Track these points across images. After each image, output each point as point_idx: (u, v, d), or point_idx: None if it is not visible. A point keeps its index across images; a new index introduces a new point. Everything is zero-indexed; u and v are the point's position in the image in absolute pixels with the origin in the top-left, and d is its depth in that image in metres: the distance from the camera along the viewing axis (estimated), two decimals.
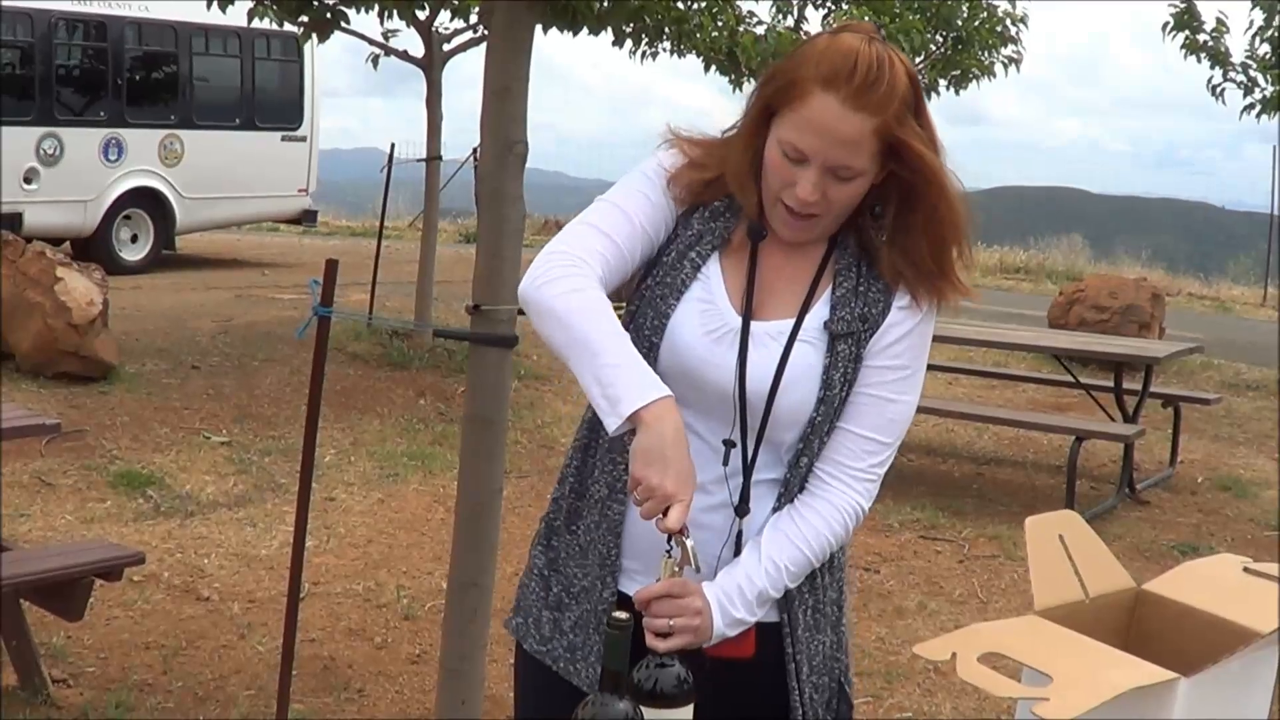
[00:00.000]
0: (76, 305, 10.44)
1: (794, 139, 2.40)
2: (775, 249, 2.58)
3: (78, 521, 7.60)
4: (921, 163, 2.43)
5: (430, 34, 13.24)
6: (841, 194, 2.44)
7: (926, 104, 2.48)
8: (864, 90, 2.35)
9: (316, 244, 23.39)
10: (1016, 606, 7.02)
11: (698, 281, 2.56)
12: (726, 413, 2.53)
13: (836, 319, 2.51)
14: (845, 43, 2.39)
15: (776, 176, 2.45)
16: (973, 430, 11.24)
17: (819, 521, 2.55)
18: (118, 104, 18.02)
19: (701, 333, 2.53)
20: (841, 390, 2.52)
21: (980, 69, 17.14)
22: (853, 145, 2.38)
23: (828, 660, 2.64)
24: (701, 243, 2.58)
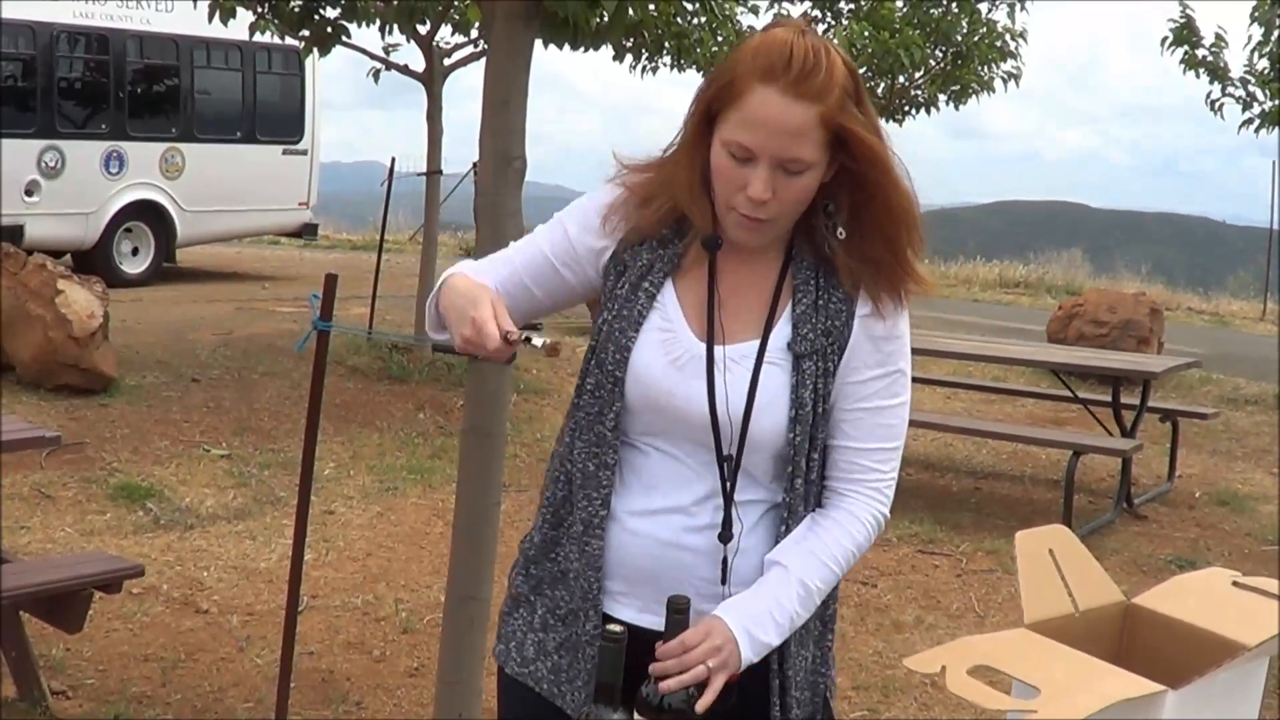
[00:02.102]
0: (77, 318, 10.46)
1: (739, 137, 2.39)
2: (731, 268, 2.57)
3: (77, 534, 7.61)
4: (869, 150, 2.43)
5: (431, 48, 13.27)
6: (793, 189, 2.43)
7: (866, 94, 2.46)
8: (802, 79, 2.35)
9: (317, 257, 23.40)
10: (1014, 620, 7.00)
11: (655, 310, 2.56)
12: (702, 438, 2.54)
13: (799, 338, 2.50)
14: (778, 36, 2.40)
15: (727, 181, 2.44)
16: (971, 444, 11.25)
17: (842, 535, 2.55)
18: (119, 117, 18.05)
19: (665, 362, 2.54)
20: (814, 407, 2.50)
21: (980, 84, 17.19)
22: (798, 136, 2.37)
23: (810, 675, 2.63)
24: (653, 272, 2.58)
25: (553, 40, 5.94)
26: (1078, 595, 2.52)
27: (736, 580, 2.54)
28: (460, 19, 13.07)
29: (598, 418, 2.58)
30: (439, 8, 12.47)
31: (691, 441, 2.54)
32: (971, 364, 13.66)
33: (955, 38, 16.53)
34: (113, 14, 17.80)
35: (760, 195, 2.40)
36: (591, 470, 2.58)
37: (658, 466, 2.57)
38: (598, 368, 2.58)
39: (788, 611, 2.48)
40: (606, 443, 2.58)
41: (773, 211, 2.44)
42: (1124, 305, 14.78)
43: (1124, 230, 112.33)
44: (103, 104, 17.98)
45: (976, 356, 10.92)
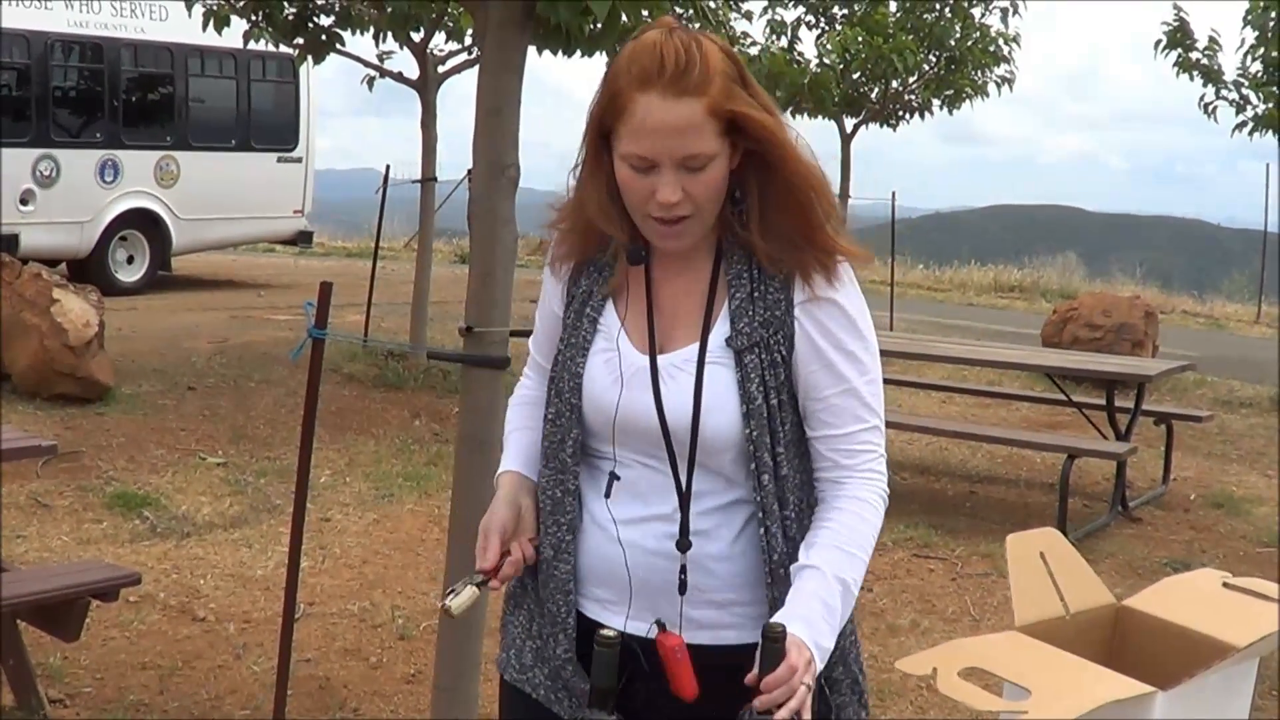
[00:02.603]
0: (73, 327, 10.47)
1: (634, 149, 2.41)
2: (666, 277, 2.59)
3: (74, 542, 7.61)
4: (763, 129, 2.43)
5: (425, 56, 13.29)
6: (700, 185, 2.43)
7: (750, 75, 2.47)
8: (678, 77, 2.37)
9: (312, 265, 23.42)
10: (1009, 624, 6.96)
11: (599, 334, 2.60)
12: (661, 449, 2.55)
13: (737, 333, 2.50)
14: (647, 40, 2.41)
15: (634, 192, 2.46)
16: (966, 449, 11.26)
17: (857, 523, 2.53)
18: (114, 125, 18.07)
19: (611, 381, 2.56)
20: (767, 399, 2.49)
21: (974, 88, 17.24)
22: (689, 132, 2.39)
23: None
24: (593, 298, 2.62)
25: (546, 47, 5.95)
26: (1068, 597, 2.52)
27: (708, 586, 2.55)
28: (454, 26, 13.11)
29: (560, 445, 2.62)
30: (432, 15, 12.50)
31: (655, 456, 2.55)
32: (966, 368, 13.66)
33: (949, 43, 16.59)
34: (107, 22, 17.82)
35: (669, 198, 2.41)
36: (558, 497, 2.62)
37: (640, 478, 2.58)
38: (556, 397, 2.63)
39: (836, 611, 2.46)
40: (568, 469, 2.61)
41: (687, 210, 2.45)
42: (1119, 309, 14.80)
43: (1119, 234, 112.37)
44: (97, 112, 18.01)
45: (971, 361, 10.93)
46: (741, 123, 2.42)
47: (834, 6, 17.29)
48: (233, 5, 12.39)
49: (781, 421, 2.51)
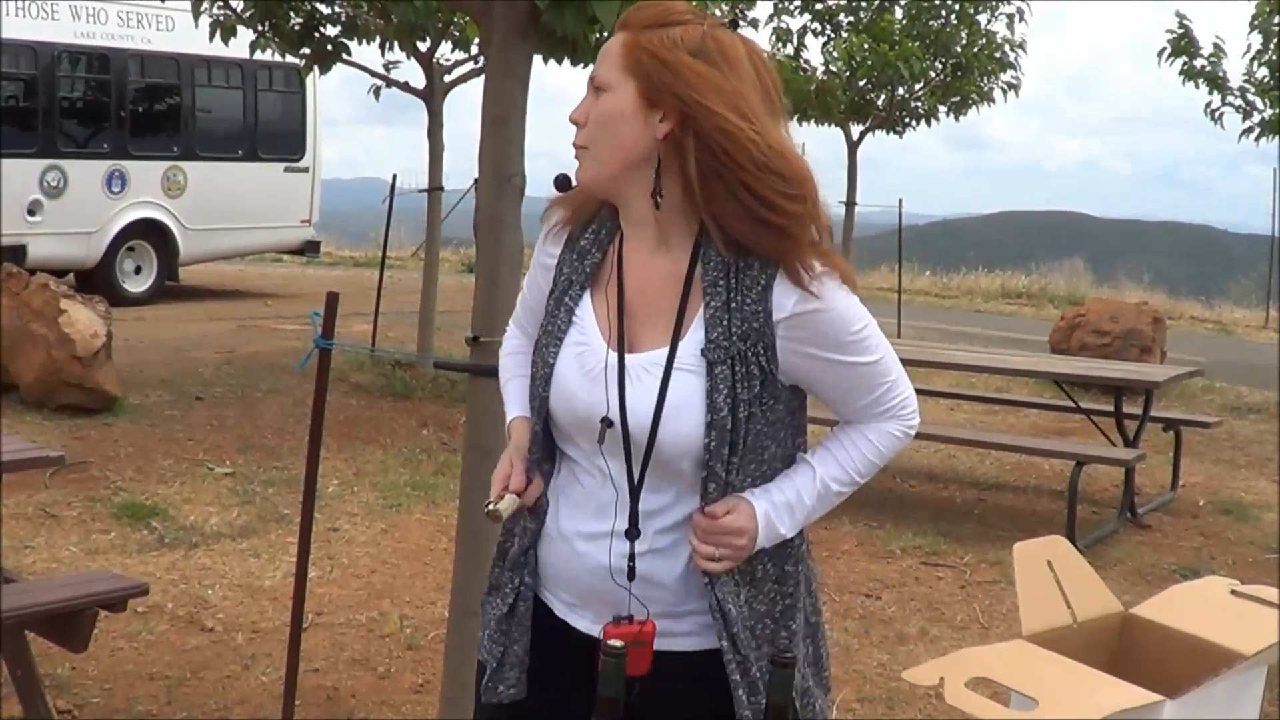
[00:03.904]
0: (80, 337, 10.48)
1: None
2: (639, 274, 2.61)
3: (82, 553, 7.62)
4: (667, 72, 2.45)
5: (431, 65, 13.30)
6: (597, 109, 2.52)
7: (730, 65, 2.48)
8: (630, 13, 2.51)
9: (319, 274, 23.44)
10: (1017, 632, 6.94)
11: (574, 325, 2.62)
12: (619, 448, 2.57)
13: (711, 344, 2.50)
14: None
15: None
16: (974, 456, 11.26)
17: (866, 447, 2.63)
18: (121, 136, 18.10)
19: (580, 375, 2.59)
20: (734, 412, 2.49)
21: (980, 95, 17.23)
22: (603, 54, 2.52)
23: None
24: (573, 287, 2.65)
25: (551, 56, 5.97)
26: (1076, 606, 2.52)
27: (660, 598, 2.58)
28: (460, 36, 13.11)
29: (534, 441, 2.68)
30: (439, 25, 12.51)
31: (617, 455, 2.58)
32: (974, 375, 13.66)
33: (955, 49, 16.59)
34: (114, 33, 17.84)
35: (572, 115, 2.55)
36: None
37: (599, 486, 2.61)
38: (532, 385, 2.67)
39: (806, 507, 2.57)
40: (533, 464, 2.68)
41: (583, 137, 2.54)
42: (1126, 315, 14.79)
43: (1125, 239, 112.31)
44: (104, 123, 18.03)
45: (979, 368, 10.93)
46: (649, 65, 2.46)
47: (840, 14, 17.30)
48: (239, 15, 12.40)
49: (745, 434, 2.52)
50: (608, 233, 2.66)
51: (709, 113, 2.43)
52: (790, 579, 2.64)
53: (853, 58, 16.26)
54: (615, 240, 2.65)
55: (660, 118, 2.47)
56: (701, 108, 2.43)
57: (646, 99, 2.47)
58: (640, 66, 2.46)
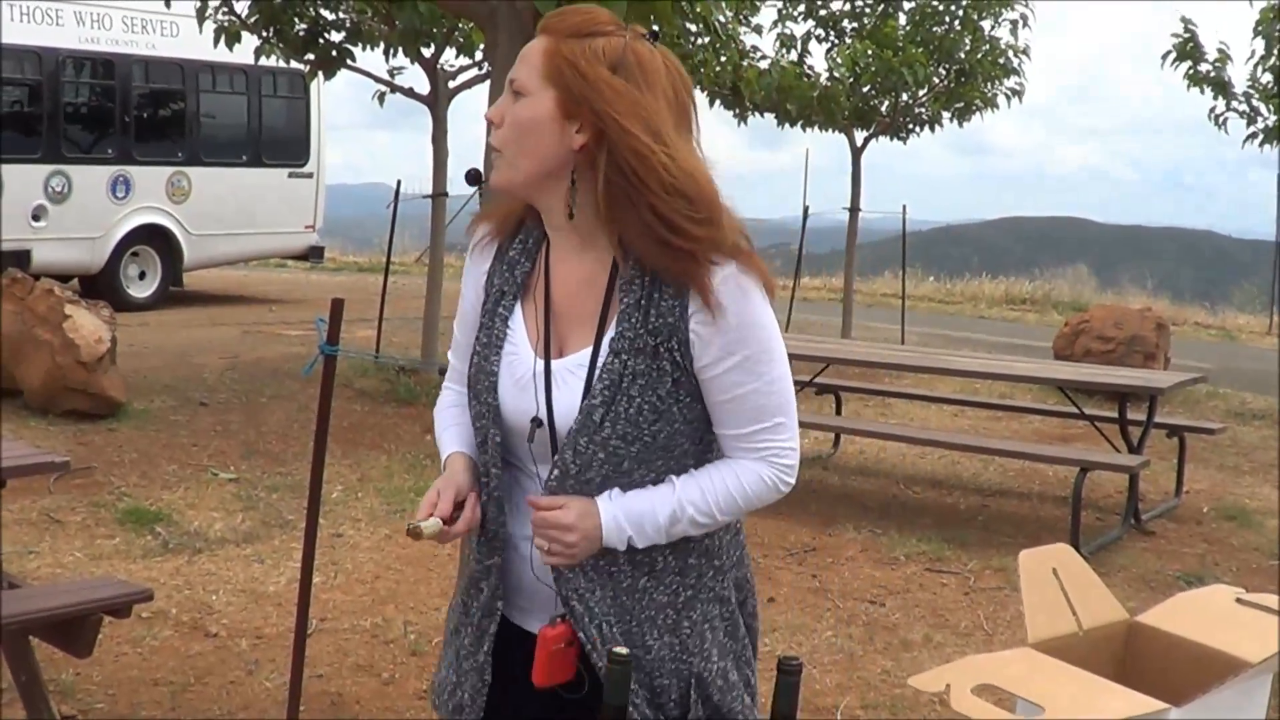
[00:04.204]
0: (85, 343, 10.49)
1: None
2: (564, 281, 2.65)
3: (86, 558, 7.62)
4: (586, 85, 2.48)
5: (436, 71, 13.32)
6: (514, 113, 2.55)
7: (648, 80, 2.52)
8: (551, 18, 2.55)
9: (323, 280, 23.46)
10: (1022, 638, 6.94)
11: (508, 334, 2.66)
12: (547, 452, 2.63)
13: (619, 336, 2.54)
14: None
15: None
16: (978, 462, 11.25)
17: (730, 478, 2.61)
18: (125, 141, 18.13)
19: (511, 383, 2.64)
20: (613, 403, 2.53)
21: (983, 100, 17.23)
22: (523, 57, 2.55)
23: (655, 662, 2.65)
24: (505, 297, 2.69)
25: None
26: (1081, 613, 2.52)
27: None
28: (464, 41, 13.13)
29: (482, 447, 2.70)
30: (443, 31, 12.53)
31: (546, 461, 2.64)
32: (978, 381, 13.66)
33: (958, 55, 16.58)
34: (118, 39, 17.88)
35: (488, 114, 2.60)
36: (491, 513, 2.70)
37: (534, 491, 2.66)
38: (475, 399, 2.69)
39: (659, 523, 2.57)
40: (490, 474, 2.69)
41: (498, 139, 2.57)
42: (1130, 321, 14.78)
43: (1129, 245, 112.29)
44: (109, 129, 18.07)
45: (983, 374, 10.92)
46: (568, 76, 2.49)
47: (844, 20, 17.30)
48: (244, 22, 12.43)
49: (654, 434, 2.55)
50: (535, 241, 2.70)
51: (623, 132, 2.46)
52: (693, 571, 2.68)
53: (856, 64, 16.26)
54: (543, 248, 2.69)
55: (577, 129, 2.51)
56: (617, 126, 2.46)
57: (564, 110, 2.51)
58: (560, 76, 2.50)
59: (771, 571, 8.04)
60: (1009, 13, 16.52)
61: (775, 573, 8.02)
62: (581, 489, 2.57)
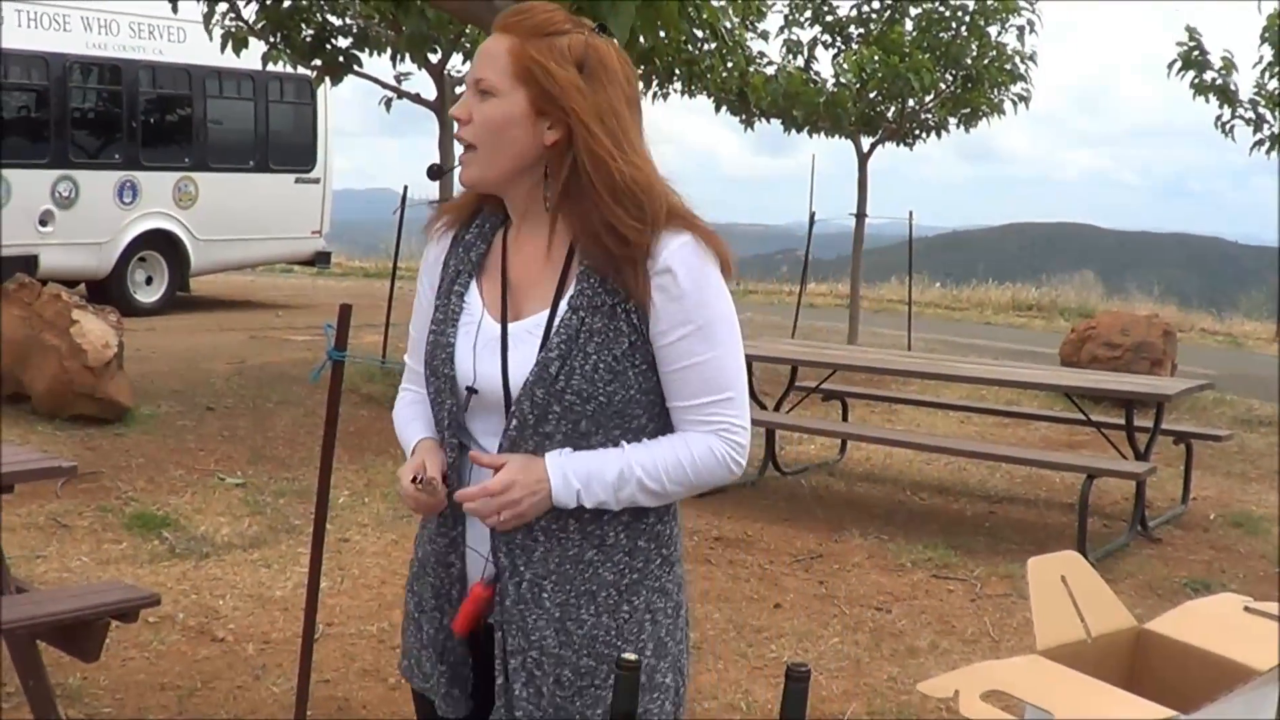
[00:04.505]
0: (92, 348, 10.50)
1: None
2: (519, 250, 2.71)
3: (93, 563, 7.63)
4: (558, 87, 2.56)
5: (442, 76, 13.34)
6: (483, 112, 2.60)
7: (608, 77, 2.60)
8: (510, 15, 2.60)
9: (330, 285, 23.48)
10: (1029, 645, 6.97)
11: (464, 307, 2.72)
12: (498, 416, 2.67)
13: (578, 294, 2.58)
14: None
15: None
16: (985, 469, 11.25)
17: (680, 448, 2.62)
18: (132, 147, 18.16)
19: (469, 349, 2.68)
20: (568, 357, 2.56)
21: (990, 107, 17.24)
22: (487, 57, 2.60)
23: (585, 640, 2.66)
24: (460, 276, 2.74)
25: None
26: (1090, 621, 2.53)
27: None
28: (471, 47, 13.15)
29: (439, 424, 2.76)
30: (449, 36, 12.54)
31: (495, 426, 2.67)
32: (985, 388, 13.66)
33: (965, 61, 16.59)
34: (126, 44, 17.92)
35: (454, 112, 2.63)
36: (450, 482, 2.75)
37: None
38: (433, 375, 2.74)
39: (607, 482, 2.58)
40: (448, 448, 2.75)
41: (470, 137, 2.62)
42: (1137, 327, 14.78)
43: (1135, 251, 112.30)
44: (116, 134, 18.10)
45: (990, 380, 10.92)
46: (542, 79, 2.55)
47: (850, 26, 17.32)
48: (251, 27, 12.46)
49: (609, 395, 2.57)
50: (491, 226, 2.77)
51: (589, 133, 2.55)
52: (641, 554, 2.69)
53: (863, 70, 16.27)
54: (500, 232, 2.76)
55: (549, 125, 2.59)
56: (583, 127, 2.55)
57: (536, 108, 2.59)
58: (531, 76, 2.57)
59: (778, 578, 8.04)
60: (1016, 19, 16.53)
61: (781, 579, 8.02)
62: (540, 445, 2.59)
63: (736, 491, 9.93)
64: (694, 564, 8.20)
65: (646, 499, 2.61)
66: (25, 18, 16.75)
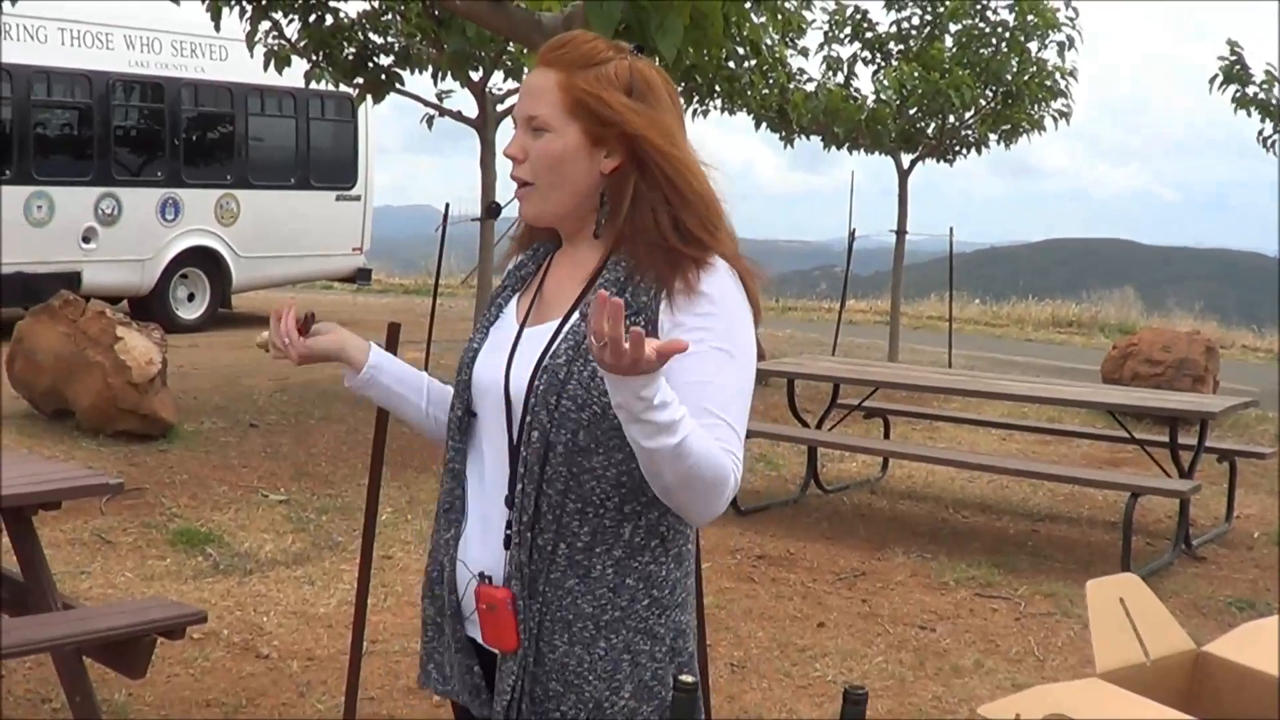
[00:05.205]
0: (136, 364, 10.55)
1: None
2: (557, 269, 2.76)
3: (137, 579, 7.66)
4: (615, 114, 2.57)
5: (484, 94, 13.37)
6: (537, 149, 2.62)
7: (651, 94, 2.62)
8: (552, 49, 2.62)
9: (369, 302, 23.54)
10: (1074, 664, 6.99)
11: (500, 317, 2.78)
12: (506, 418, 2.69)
13: (589, 303, 2.51)
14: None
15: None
16: (1027, 486, 11.21)
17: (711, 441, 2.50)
18: (175, 164, 18.26)
19: (487, 351, 2.74)
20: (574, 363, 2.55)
21: (1030, 123, 17.21)
22: (536, 94, 2.61)
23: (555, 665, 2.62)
24: (504, 291, 2.81)
25: None
26: (1148, 644, 2.51)
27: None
28: (512, 65, 13.19)
29: (450, 423, 2.81)
30: (491, 55, 12.58)
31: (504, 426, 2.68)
32: (1026, 405, 13.60)
33: (1005, 77, 16.56)
34: (168, 62, 18.03)
35: (507, 151, 2.66)
36: (447, 485, 2.79)
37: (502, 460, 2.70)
38: (457, 374, 2.80)
39: (678, 411, 2.37)
40: (449, 444, 2.80)
41: (527, 174, 2.64)
42: (1179, 344, 14.71)
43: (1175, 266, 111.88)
44: (158, 151, 18.20)
45: (1031, 398, 10.88)
46: (597, 109, 2.57)
47: (890, 42, 17.31)
48: (294, 46, 12.51)
49: (604, 406, 2.50)
50: (545, 250, 2.83)
51: (654, 149, 2.58)
52: (627, 593, 2.62)
53: (903, 86, 16.26)
54: (550, 255, 2.81)
55: (605, 154, 2.61)
56: (650, 144, 2.58)
57: (592, 139, 2.60)
58: (583, 108, 2.59)
59: (821, 596, 8.03)
60: (1056, 34, 16.49)
61: (825, 598, 8.01)
62: (542, 455, 2.57)
63: (779, 509, 9.93)
64: (737, 582, 8.19)
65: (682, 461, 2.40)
66: (68, 36, 16.88)
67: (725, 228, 2.64)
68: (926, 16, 17.09)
